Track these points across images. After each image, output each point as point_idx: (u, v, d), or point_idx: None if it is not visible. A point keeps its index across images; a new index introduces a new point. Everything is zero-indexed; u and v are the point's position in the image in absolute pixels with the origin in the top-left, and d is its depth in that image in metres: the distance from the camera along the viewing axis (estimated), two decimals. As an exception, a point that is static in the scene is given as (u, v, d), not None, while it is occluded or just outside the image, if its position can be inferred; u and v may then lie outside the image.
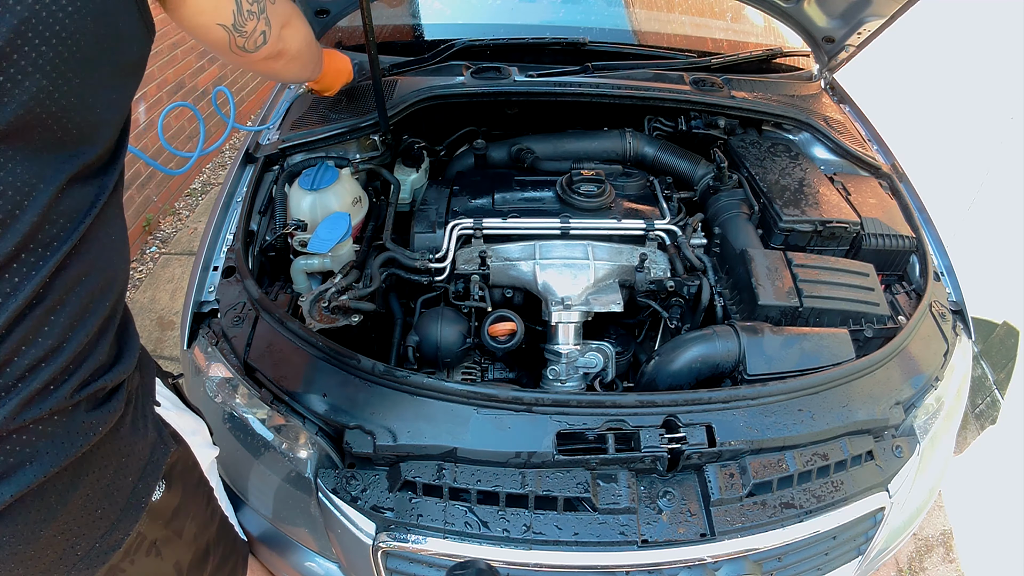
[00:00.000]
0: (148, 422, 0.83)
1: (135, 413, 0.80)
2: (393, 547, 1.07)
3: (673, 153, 1.85)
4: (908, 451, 1.25)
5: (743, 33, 2.36)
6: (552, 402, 1.13)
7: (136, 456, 0.79)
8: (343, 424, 1.11)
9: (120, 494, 0.77)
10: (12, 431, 0.64)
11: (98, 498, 0.74)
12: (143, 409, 0.83)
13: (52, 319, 0.66)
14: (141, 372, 0.85)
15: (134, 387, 0.81)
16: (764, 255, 1.44)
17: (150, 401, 0.86)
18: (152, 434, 0.83)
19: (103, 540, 0.76)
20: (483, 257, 1.48)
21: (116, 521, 0.77)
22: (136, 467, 0.79)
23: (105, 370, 0.74)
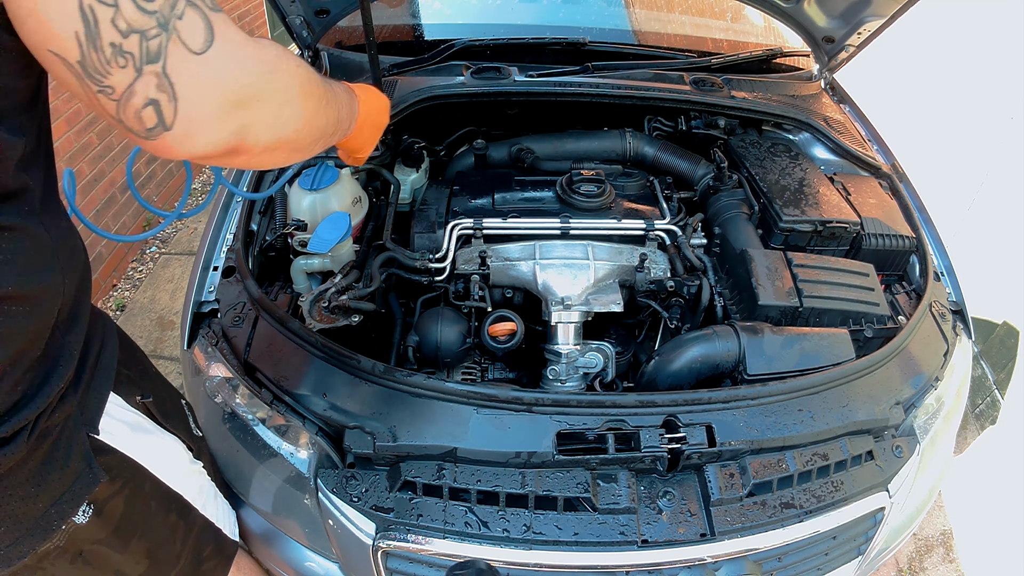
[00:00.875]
0: (73, 453, 0.77)
1: (53, 447, 0.74)
2: (393, 547, 1.07)
3: (673, 153, 1.85)
4: (908, 451, 1.25)
5: (743, 33, 2.36)
6: (552, 402, 1.13)
7: (50, 487, 0.74)
8: (343, 424, 1.11)
9: (27, 518, 0.73)
10: None
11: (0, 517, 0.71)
12: (69, 440, 0.77)
13: None
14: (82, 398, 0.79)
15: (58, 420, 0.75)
16: (764, 255, 1.44)
17: (83, 431, 0.79)
18: (77, 464, 0.78)
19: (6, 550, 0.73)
20: (483, 257, 1.48)
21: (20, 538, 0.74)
22: (49, 496, 0.75)
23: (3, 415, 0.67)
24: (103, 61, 0.51)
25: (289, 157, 0.72)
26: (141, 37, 0.52)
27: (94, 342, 0.83)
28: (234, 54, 0.57)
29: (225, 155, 0.61)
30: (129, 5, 0.50)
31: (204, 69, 0.55)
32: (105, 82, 0.52)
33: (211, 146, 0.58)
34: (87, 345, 0.81)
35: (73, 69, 0.52)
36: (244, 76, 0.58)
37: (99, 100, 0.54)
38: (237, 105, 0.58)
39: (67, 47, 0.50)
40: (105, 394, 0.84)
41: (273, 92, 0.62)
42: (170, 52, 0.53)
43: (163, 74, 0.53)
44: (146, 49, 0.52)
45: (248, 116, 0.59)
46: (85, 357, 0.80)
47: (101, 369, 0.84)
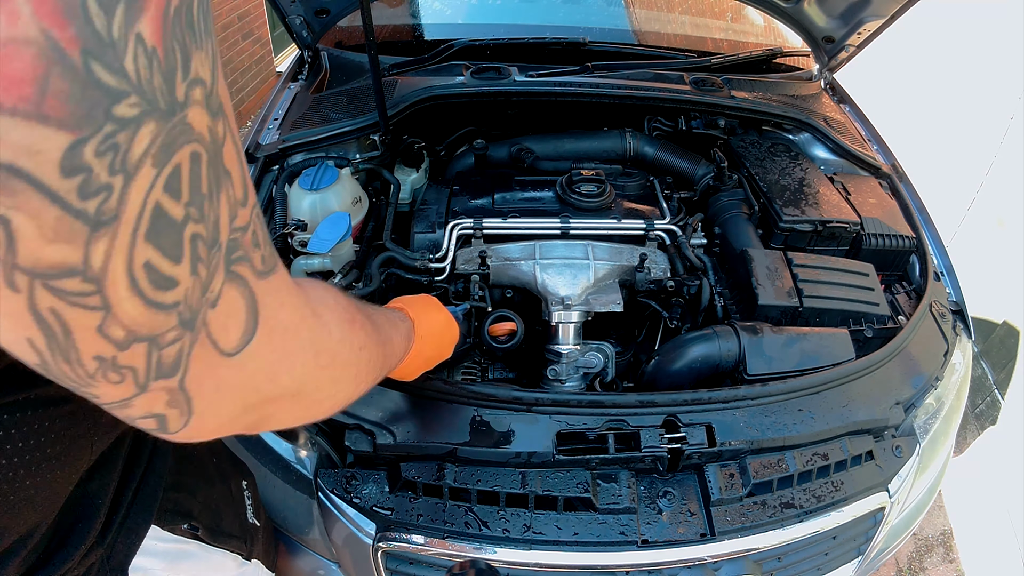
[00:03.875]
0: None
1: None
2: (393, 547, 1.07)
3: (673, 153, 1.85)
4: (908, 451, 1.25)
5: (743, 33, 2.36)
6: (552, 402, 1.13)
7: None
8: (343, 424, 1.11)
9: None
10: None
11: None
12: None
13: None
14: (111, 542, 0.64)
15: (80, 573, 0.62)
16: (764, 255, 1.44)
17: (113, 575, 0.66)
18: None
19: None
20: (483, 257, 1.48)
21: None
22: None
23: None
24: (81, 376, 0.32)
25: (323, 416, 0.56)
26: (150, 346, 0.33)
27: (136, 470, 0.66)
28: (281, 347, 0.42)
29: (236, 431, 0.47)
30: (132, 304, 0.30)
31: (235, 374, 0.39)
32: (85, 391, 0.34)
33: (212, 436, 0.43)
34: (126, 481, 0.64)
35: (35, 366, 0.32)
36: (286, 375, 0.43)
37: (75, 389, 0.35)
38: (265, 403, 0.44)
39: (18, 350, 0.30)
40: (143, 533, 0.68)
41: (317, 388, 0.48)
42: (193, 359, 0.36)
43: (180, 388, 0.36)
44: (156, 362, 0.34)
45: (274, 409, 0.45)
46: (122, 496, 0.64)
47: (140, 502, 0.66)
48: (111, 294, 0.29)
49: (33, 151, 0.24)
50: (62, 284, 0.27)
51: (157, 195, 0.28)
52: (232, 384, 0.39)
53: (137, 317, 0.31)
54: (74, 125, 0.24)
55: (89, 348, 0.30)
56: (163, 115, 0.28)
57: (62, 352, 0.30)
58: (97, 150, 0.25)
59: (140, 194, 0.27)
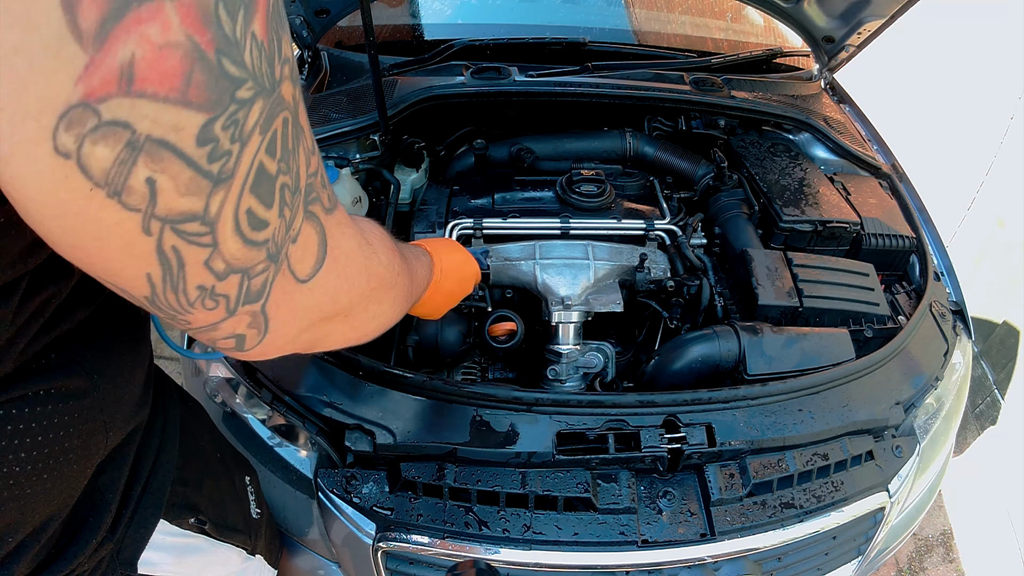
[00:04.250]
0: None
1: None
2: (393, 547, 1.07)
3: (673, 153, 1.85)
4: (908, 451, 1.25)
5: (743, 33, 2.36)
6: (552, 402, 1.13)
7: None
8: (343, 424, 1.11)
9: None
10: None
11: None
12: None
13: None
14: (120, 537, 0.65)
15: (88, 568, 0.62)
16: (764, 255, 1.44)
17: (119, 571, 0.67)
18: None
19: None
20: (483, 257, 1.48)
21: None
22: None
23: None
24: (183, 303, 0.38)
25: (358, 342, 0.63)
26: (243, 276, 0.39)
27: (145, 465, 0.68)
28: (342, 272, 0.49)
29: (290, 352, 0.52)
30: (234, 242, 0.37)
31: (306, 297, 0.46)
32: (181, 318, 0.40)
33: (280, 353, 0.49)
34: (135, 475, 0.66)
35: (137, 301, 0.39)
36: (344, 296, 0.50)
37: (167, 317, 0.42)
38: (322, 321, 0.50)
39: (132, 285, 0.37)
40: (151, 527, 0.69)
41: (365, 308, 0.55)
42: (275, 287, 0.42)
43: (261, 312, 0.43)
44: (247, 290, 0.40)
45: (328, 328, 0.52)
46: (131, 491, 0.65)
47: (149, 496, 0.68)
48: (220, 234, 0.36)
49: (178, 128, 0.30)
50: (185, 227, 0.34)
51: (260, 156, 0.36)
52: (303, 306, 0.46)
53: (236, 253, 0.37)
54: (208, 108, 0.31)
55: (195, 279, 0.37)
56: (267, 93, 0.35)
57: (172, 284, 0.37)
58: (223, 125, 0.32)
59: (249, 157, 0.35)
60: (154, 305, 0.38)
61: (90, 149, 0.28)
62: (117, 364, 0.56)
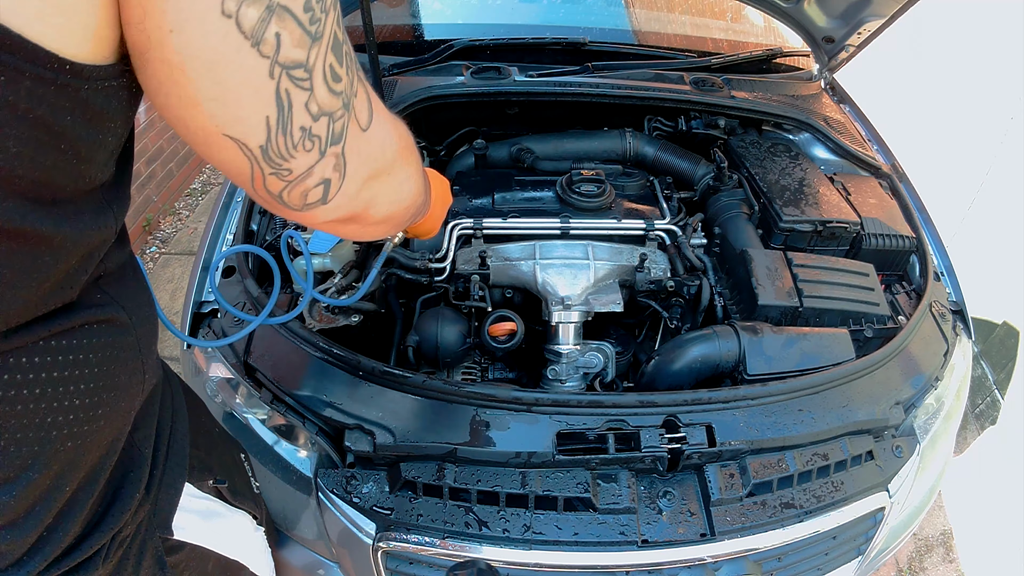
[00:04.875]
0: (145, 559, 0.69)
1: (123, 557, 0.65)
2: (393, 547, 1.07)
3: (673, 153, 1.85)
4: (908, 451, 1.25)
5: (743, 33, 2.36)
6: (552, 402, 1.13)
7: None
8: (343, 424, 1.11)
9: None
10: None
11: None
12: (141, 547, 0.68)
13: None
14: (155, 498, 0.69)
15: (130, 531, 0.66)
16: (764, 255, 1.44)
17: (156, 534, 0.71)
18: (148, 571, 0.69)
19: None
20: (483, 257, 1.48)
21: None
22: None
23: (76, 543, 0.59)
24: (290, 145, 0.48)
25: (388, 231, 0.73)
26: (329, 119, 0.49)
27: (165, 428, 0.73)
28: (384, 127, 0.59)
29: (344, 221, 0.62)
30: (323, 88, 0.47)
31: (367, 145, 0.56)
32: (285, 165, 0.49)
33: (343, 215, 0.59)
34: (158, 436, 0.71)
35: (250, 153, 0.47)
36: (388, 149, 0.60)
37: (266, 181, 0.50)
38: (374, 177, 0.60)
39: (253, 132, 0.46)
40: (180, 488, 0.74)
41: (401, 166, 0.64)
42: (349, 132, 0.52)
43: (341, 154, 0.53)
44: (332, 131, 0.50)
45: (377, 187, 0.61)
46: (157, 452, 0.70)
47: (173, 458, 0.73)
48: (314, 80, 0.47)
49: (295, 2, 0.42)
50: (294, 73, 0.45)
51: (335, 26, 0.47)
52: (365, 154, 0.56)
53: (324, 98, 0.48)
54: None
55: (298, 120, 0.47)
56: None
57: (283, 126, 0.47)
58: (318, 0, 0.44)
59: (331, 24, 0.46)
60: (265, 156, 0.48)
61: (245, 11, 0.40)
62: (144, 310, 0.62)
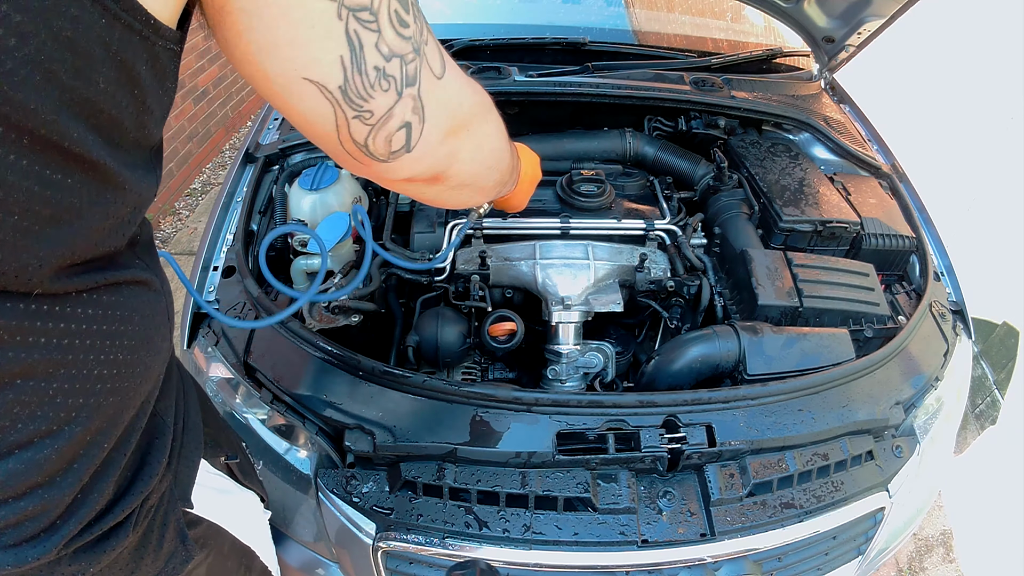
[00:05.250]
0: (168, 532, 0.70)
1: (148, 528, 0.67)
2: (393, 547, 1.07)
3: (673, 153, 1.85)
4: (908, 451, 1.25)
5: (743, 33, 2.36)
6: (552, 402, 1.13)
7: (144, 571, 0.67)
8: (343, 424, 1.11)
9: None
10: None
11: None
12: (164, 518, 0.69)
13: None
14: (176, 469, 0.71)
15: (155, 501, 0.67)
16: (764, 255, 1.44)
17: (178, 506, 0.72)
18: (171, 544, 0.71)
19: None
20: (483, 257, 1.48)
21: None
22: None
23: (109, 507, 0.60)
24: (367, 85, 0.51)
25: (472, 197, 0.75)
26: (401, 61, 0.53)
27: (180, 401, 0.75)
28: (459, 80, 0.61)
29: (428, 181, 0.64)
30: (390, 31, 0.51)
31: (443, 92, 0.58)
32: (365, 106, 0.52)
33: (426, 170, 0.62)
34: (176, 408, 0.73)
35: (331, 96, 0.51)
36: (465, 102, 0.62)
37: (350, 127, 0.53)
38: (453, 131, 0.62)
39: (330, 72, 0.49)
40: (197, 461, 0.77)
41: (480, 123, 0.66)
42: (423, 75, 0.55)
43: (418, 96, 0.55)
44: (406, 72, 0.53)
45: (457, 143, 0.63)
46: (176, 422, 0.73)
47: (189, 432, 0.76)
48: (381, 22, 0.50)
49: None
50: (360, 15, 0.48)
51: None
52: (442, 101, 0.58)
53: (392, 40, 0.51)
54: None
55: (371, 59, 0.50)
56: None
57: (357, 65, 0.50)
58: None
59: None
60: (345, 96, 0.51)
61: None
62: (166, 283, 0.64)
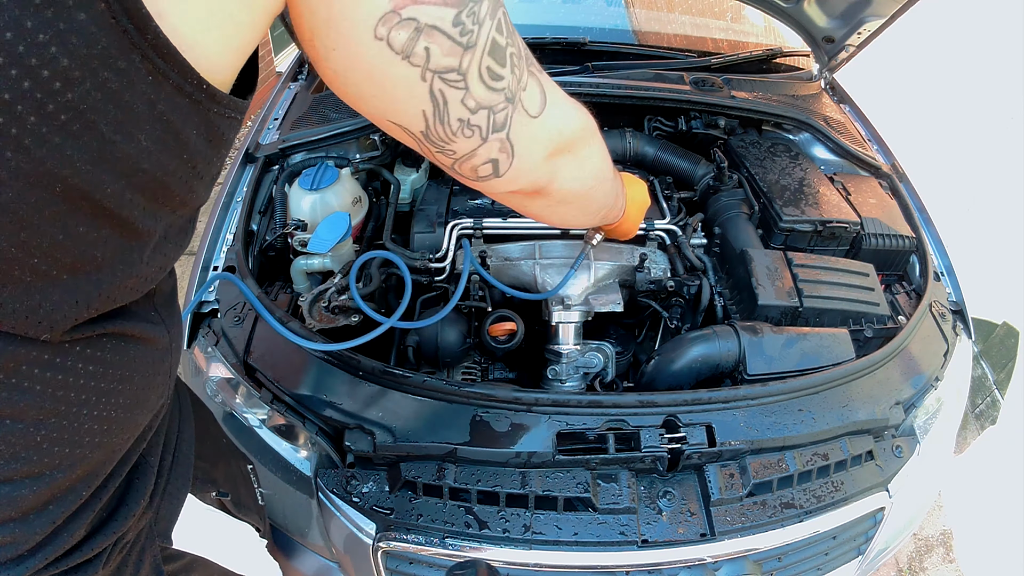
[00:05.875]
0: (143, 568, 0.70)
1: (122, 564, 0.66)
2: (393, 547, 1.07)
3: (673, 153, 1.85)
4: (908, 451, 1.25)
5: (743, 33, 2.36)
6: (552, 402, 1.13)
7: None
8: (343, 424, 1.11)
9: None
10: None
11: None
12: (140, 555, 0.69)
13: None
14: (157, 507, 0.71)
15: (131, 538, 0.67)
16: (764, 255, 1.44)
17: (156, 543, 0.72)
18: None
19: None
20: (483, 257, 1.48)
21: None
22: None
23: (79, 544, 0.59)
24: (448, 133, 0.56)
25: (576, 216, 0.81)
26: (489, 112, 0.56)
27: (171, 439, 0.74)
28: (560, 110, 0.65)
29: (530, 194, 0.69)
30: (479, 87, 0.54)
31: (539, 129, 0.63)
32: (448, 148, 0.58)
33: (527, 185, 0.67)
34: (164, 447, 0.72)
35: (413, 136, 0.56)
36: (565, 130, 0.66)
37: (435, 157, 0.60)
38: (555, 153, 0.66)
39: (412, 121, 0.55)
40: (182, 499, 0.76)
41: (581, 145, 0.71)
42: (514, 120, 0.59)
43: (506, 139, 0.59)
44: (493, 122, 0.57)
45: (560, 163, 0.68)
46: (163, 461, 0.72)
47: (177, 469, 0.75)
48: (469, 81, 0.53)
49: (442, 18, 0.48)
50: (447, 76, 0.51)
51: (492, 33, 0.52)
52: (537, 136, 0.63)
53: (481, 95, 0.54)
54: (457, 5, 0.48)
55: (455, 112, 0.54)
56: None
57: (440, 117, 0.54)
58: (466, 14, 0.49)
59: (486, 33, 0.52)
60: (427, 139, 0.56)
61: (395, 34, 0.47)
62: (178, 339, 0.64)
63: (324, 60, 0.50)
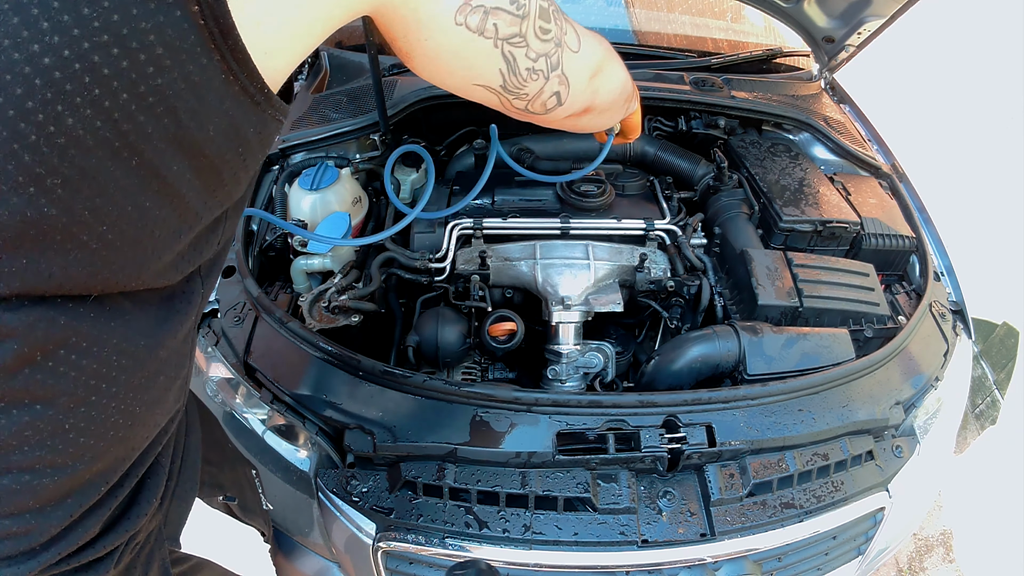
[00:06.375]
0: (152, 570, 0.72)
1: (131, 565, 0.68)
2: (393, 547, 1.07)
3: (673, 153, 1.85)
4: (908, 451, 1.25)
5: (743, 33, 2.36)
6: (552, 402, 1.13)
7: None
8: (343, 424, 1.11)
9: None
10: None
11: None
12: (149, 557, 0.71)
13: None
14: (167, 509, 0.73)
15: (142, 539, 0.69)
16: (764, 255, 1.44)
17: (164, 545, 0.74)
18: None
19: None
20: (483, 257, 1.48)
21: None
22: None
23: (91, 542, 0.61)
24: (521, 80, 0.69)
25: (613, 117, 0.97)
26: (546, 58, 0.69)
27: (179, 438, 0.77)
28: (589, 41, 0.78)
29: (580, 114, 0.84)
30: (536, 41, 0.67)
31: (581, 60, 0.76)
32: (522, 92, 0.71)
33: (579, 107, 0.81)
34: (175, 446, 0.75)
35: (495, 90, 0.69)
36: (597, 54, 0.80)
37: (512, 103, 0.72)
38: (594, 75, 0.80)
39: (493, 79, 0.67)
40: (190, 502, 0.79)
41: (608, 62, 0.84)
42: (564, 58, 0.72)
43: (562, 73, 0.73)
44: (550, 63, 0.70)
45: (598, 81, 0.82)
46: (173, 463, 0.74)
47: (186, 472, 0.78)
48: (528, 39, 0.65)
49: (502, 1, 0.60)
50: (512, 40, 0.64)
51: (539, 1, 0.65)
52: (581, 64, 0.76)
53: (538, 47, 0.67)
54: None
55: (523, 64, 0.67)
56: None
57: (512, 70, 0.67)
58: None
59: (535, 4, 0.64)
60: (506, 89, 0.69)
61: (470, 18, 0.59)
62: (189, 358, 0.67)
63: (417, 50, 0.61)
